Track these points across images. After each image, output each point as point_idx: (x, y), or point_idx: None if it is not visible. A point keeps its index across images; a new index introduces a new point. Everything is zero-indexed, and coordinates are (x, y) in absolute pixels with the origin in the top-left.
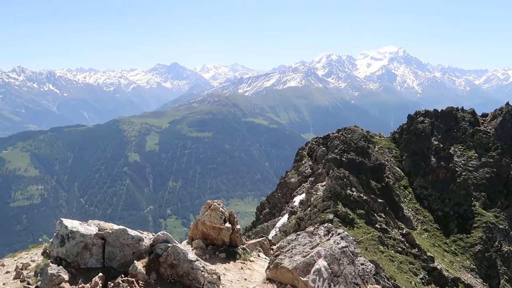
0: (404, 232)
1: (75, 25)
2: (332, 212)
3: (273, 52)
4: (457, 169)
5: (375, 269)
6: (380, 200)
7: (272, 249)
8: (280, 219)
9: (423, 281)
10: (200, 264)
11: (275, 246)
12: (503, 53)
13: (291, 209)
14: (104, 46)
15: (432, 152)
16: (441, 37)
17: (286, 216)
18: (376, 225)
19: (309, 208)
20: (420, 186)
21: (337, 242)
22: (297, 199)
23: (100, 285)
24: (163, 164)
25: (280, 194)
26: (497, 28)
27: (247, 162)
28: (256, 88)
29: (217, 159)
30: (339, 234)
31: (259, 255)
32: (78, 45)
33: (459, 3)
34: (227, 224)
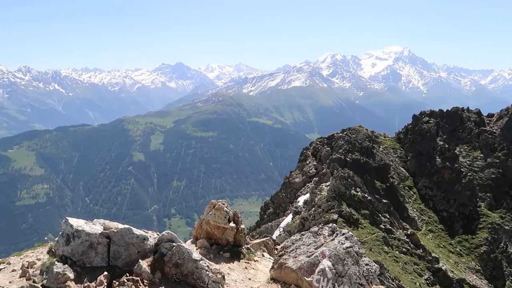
0: (409, 233)
1: (81, 25)
2: (337, 212)
3: (278, 52)
4: (463, 170)
5: (380, 270)
6: (385, 201)
7: (276, 249)
8: (284, 219)
9: (428, 282)
10: (205, 264)
11: (279, 246)
12: (510, 53)
13: (295, 209)
14: (109, 46)
15: (437, 153)
16: (447, 37)
17: (290, 216)
18: (381, 226)
19: (313, 208)
20: (425, 187)
21: (342, 242)
22: (301, 199)
23: (105, 284)
24: (168, 164)
25: (284, 194)
26: (503, 28)
27: (252, 162)
28: (261, 88)
29: (222, 159)
30: (344, 234)
31: (263, 255)
32: (84, 45)
33: (465, 3)
34: (232, 224)
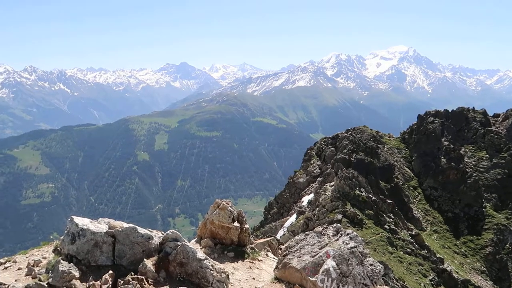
0: (414, 233)
1: (86, 25)
2: (341, 213)
3: (282, 52)
4: (468, 170)
5: (384, 270)
6: (389, 201)
7: (281, 249)
8: (288, 219)
9: (433, 283)
10: (209, 263)
11: (284, 246)
12: None
13: (300, 209)
14: (114, 46)
15: (442, 153)
16: (452, 37)
17: (294, 216)
18: (385, 226)
19: (318, 208)
20: (430, 187)
21: (346, 243)
22: (306, 199)
23: (110, 283)
24: (172, 163)
25: (289, 194)
26: (510, 28)
27: (256, 162)
28: (265, 88)
29: (226, 159)
30: (348, 235)
31: (268, 255)
32: (89, 45)
33: (470, 3)
34: (236, 223)
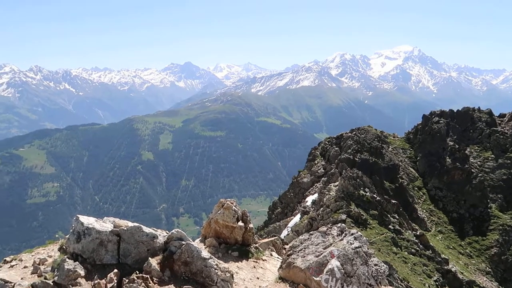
0: (418, 234)
1: (91, 25)
2: (345, 213)
3: (287, 52)
4: (473, 170)
5: (389, 270)
6: (394, 201)
7: (285, 249)
8: (292, 219)
9: (437, 284)
10: (214, 262)
11: (288, 246)
12: None
13: (304, 209)
14: (119, 46)
15: (448, 153)
16: (458, 37)
17: (298, 216)
18: (390, 226)
19: (322, 208)
20: (435, 187)
21: (351, 242)
22: (310, 199)
23: (115, 281)
24: (176, 163)
25: (293, 194)
26: None
27: (260, 162)
28: (269, 88)
29: (230, 158)
30: (353, 235)
31: (272, 254)
32: (94, 45)
33: (476, 2)
34: (240, 223)
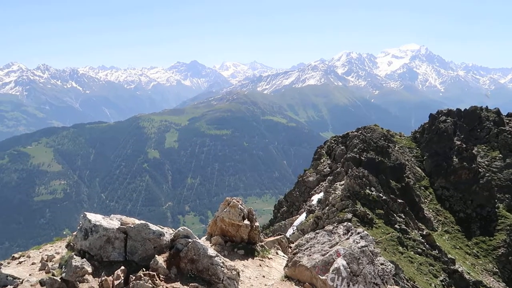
0: (424, 233)
1: (98, 24)
2: (351, 212)
3: (293, 50)
4: (480, 170)
5: (395, 270)
6: (400, 201)
7: (290, 247)
8: (298, 218)
9: (444, 284)
10: (220, 260)
11: (294, 244)
12: None
13: (309, 208)
14: (126, 45)
15: (455, 152)
16: (466, 35)
17: (304, 215)
18: (396, 226)
19: (327, 207)
20: (442, 187)
21: (357, 242)
22: (315, 198)
23: (122, 278)
24: (182, 161)
25: (298, 193)
26: None
27: (265, 160)
28: (275, 86)
29: (235, 157)
30: (359, 234)
31: (277, 253)
32: (100, 43)
33: (484, 1)
34: (246, 221)
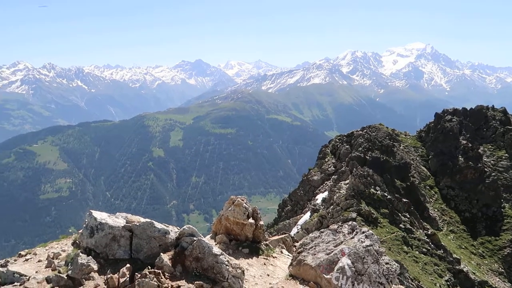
0: (429, 233)
1: (103, 23)
2: (355, 211)
3: (297, 49)
4: (486, 170)
5: (399, 269)
6: (405, 200)
7: (295, 246)
8: (302, 217)
9: (449, 284)
10: (225, 258)
11: (298, 243)
12: None
13: (313, 207)
14: (131, 43)
15: (460, 152)
16: (472, 34)
17: (308, 214)
18: (400, 225)
19: (332, 206)
20: (447, 186)
21: (362, 241)
22: (320, 197)
23: (128, 276)
24: (187, 160)
25: (303, 192)
26: None
27: (270, 159)
28: (280, 85)
29: (240, 156)
30: (364, 233)
31: (282, 252)
32: (106, 42)
33: (490, 0)
34: (251, 220)
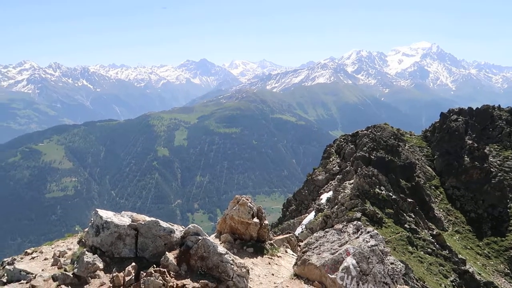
0: (435, 233)
1: (109, 23)
2: (360, 211)
3: (302, 49)
4: (492, 170)
5: (405, 269)
6: (410, 200)
7: (299, 246)
8: (307, 217)
9: (454, 284)
10: (230, 257)
11: (303, 243)
12: None
13: (318, 207)
14: (136, 43)
15: (466, 152)
16: (478, 34)
17: (313, 214)
18: (405, 225)
19: (336, 206)
20: (452, 187)
21: (367, 240)
22: (324, 197)
23: (133, 274)
24: (191, 159)
25: (307, 191)
26: None
27: (274, 159)
28: (284, 85)
29: (244, 155)
30: (369, 233)
31: (287, 251)
32: (111, 42)
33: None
34: (255, 219)
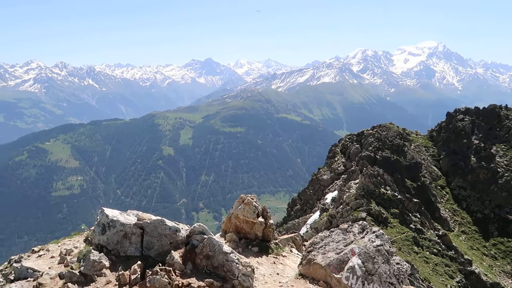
0: (441, 233)
1: (114, 22)
2: (365, 211)
3: (307, 48)
4: (499, 170)
5: (410, 270)
6: (416, 200)
7: (305, 245)
8: (312, 216)
9: (460, 285)
10: (235, 257)
11: (308, 242)
12: None
13: (323, 206)
14: (141, 42)
15: (472, 152)
16: (484, 32)
17: (318, 213)
18: (411, 225)
19: (341, 206)
20: (459, 187)
21: (372, 240)
22: (329, 196)
23: (139, 273)
24: (196, 159)
25: (312, 191)
26: None
27: (279, 158)
28: (289, 84)
29: (249, 155)
30: (374, 232)
31: (292, 251)
32: (117, 41)
33: None
34: (260, 219)
